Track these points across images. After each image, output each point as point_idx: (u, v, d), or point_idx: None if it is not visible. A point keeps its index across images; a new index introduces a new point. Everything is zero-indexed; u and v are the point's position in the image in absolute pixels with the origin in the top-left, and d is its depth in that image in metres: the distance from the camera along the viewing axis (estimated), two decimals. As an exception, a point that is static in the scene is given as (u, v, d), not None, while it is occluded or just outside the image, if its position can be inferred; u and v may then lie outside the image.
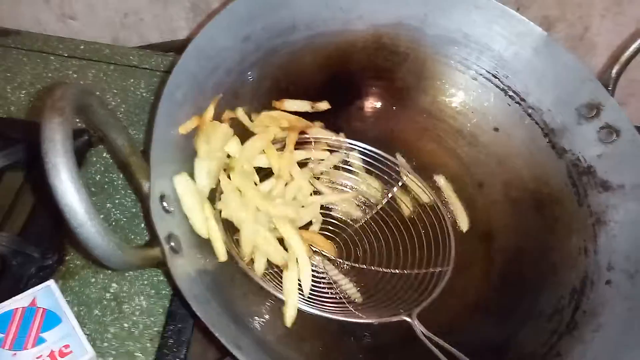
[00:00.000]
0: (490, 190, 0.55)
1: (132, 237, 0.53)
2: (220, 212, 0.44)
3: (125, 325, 0.49)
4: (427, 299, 0.47)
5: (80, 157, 0.57)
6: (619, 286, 0.45)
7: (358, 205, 0.54)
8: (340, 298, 0.47)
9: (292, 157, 0.50)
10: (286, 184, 0.50)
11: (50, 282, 0.47)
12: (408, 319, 0.45)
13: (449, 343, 0.42)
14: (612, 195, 0.50)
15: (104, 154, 0.58)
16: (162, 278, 0.51)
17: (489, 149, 0.56)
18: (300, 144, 0.53)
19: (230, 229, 0.45)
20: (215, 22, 0.45)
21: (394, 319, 0.45)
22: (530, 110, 0.56)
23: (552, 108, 0.54)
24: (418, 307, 0.46)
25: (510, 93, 0.57)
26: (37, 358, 0.43)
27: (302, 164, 0.53)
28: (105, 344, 0.48)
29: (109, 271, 0.51)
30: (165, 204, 0.37)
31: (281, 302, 0.43)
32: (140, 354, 0.47)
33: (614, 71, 0.51)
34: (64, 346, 0.44)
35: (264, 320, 0.42)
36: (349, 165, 0.55)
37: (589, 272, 0.47)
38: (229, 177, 0.45)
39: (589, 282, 0.47)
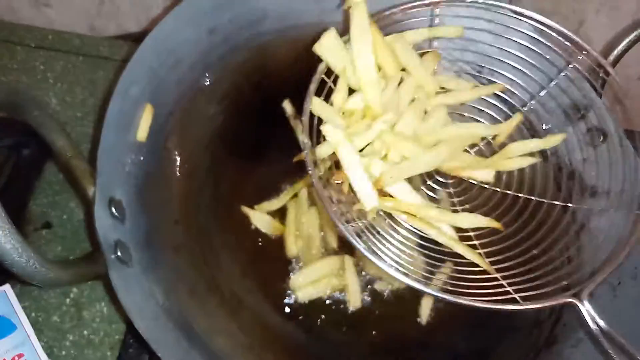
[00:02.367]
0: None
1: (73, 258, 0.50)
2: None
3: (85, 332, 0.47)
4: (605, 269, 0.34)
5: (42, 156, 0.55)
6: (601, 297, 0.43)
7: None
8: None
9: (404, 42, 0.37)
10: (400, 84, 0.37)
11: (6, 287, 0.45)
12: (575, 301, 0.33)
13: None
14: (596, 201, 0.47)
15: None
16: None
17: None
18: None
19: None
20: (175, 13, 0.42)
21: (557, 301, 0.33)
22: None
23: (538, 108, 0.52)
24: (590, 282, 0.34)
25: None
26: (-13, 368, 0.41)
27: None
28: (64, 353, 0.46)
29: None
30: (114, 209, 0.35)
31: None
32: (99, 363, 0.45)
33: (601, 72, 0.48)
34: (17, 355, 0.42)
35: (226, 333, 0.40)
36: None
37: (571, 283, 0.45)
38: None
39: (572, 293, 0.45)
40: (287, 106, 0.50)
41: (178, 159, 0.45)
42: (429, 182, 0.41)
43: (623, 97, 0.48)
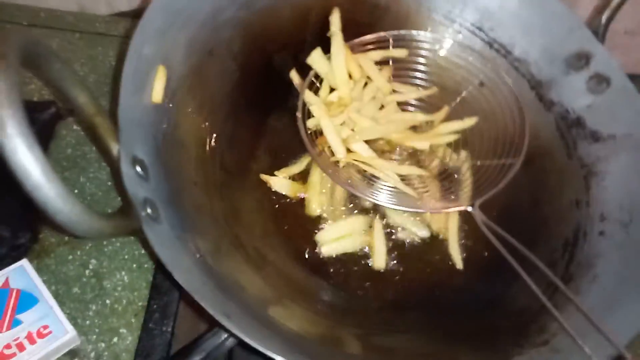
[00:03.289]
0: (482, 150, 0.53)
1: (110, 211, 0.51)
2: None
3: (108, 301, 0.47)
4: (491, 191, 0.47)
5: (49, 131, 0.54)
6: (612, 236, 0.44)
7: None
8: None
9: (368, 59, 0.53)
10: (365, 86, 0.54)
11: (24, 262, 0.45)
12: (469, 209, 0.46)
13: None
14: (602, 146, 0.49)
15: (74, 127, 0.55)
16: (142, 252, 0.49)
17: (475, 105, 0.55)
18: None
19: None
20: (183, -27, 0.42)
21: (456, 208, 0.47)
22: (516, 63, 0.54)
23: (539, 59, 0.53)
24: (480, 198, 0.47)
25: (496, 46, 0.55)
26: (14, 341, 0.41)
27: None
28: (87, 322, 0.46)
29: (87, 247, 0.49)
30: (138, 168, 0.35)
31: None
32: (124, 330, 0.46)
33: (604, 17, 0.49)
34: (42, 327, 0.42)
35: (254, 287, 0.41)
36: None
37: (582, 224, 0.47)
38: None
39: (582, 233, 0.46)
40: (294, 76, 0.54)
41: (194, 120, 0.45)
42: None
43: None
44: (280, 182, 0.51)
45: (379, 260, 0.48)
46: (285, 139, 0.52)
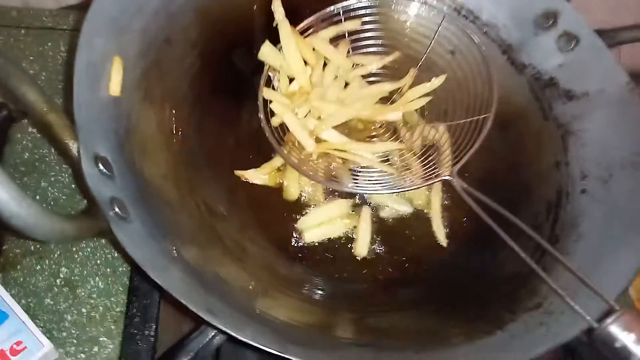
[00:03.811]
0: (454, 115, 0.52)
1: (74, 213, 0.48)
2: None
3: (83, 310, 0.45)
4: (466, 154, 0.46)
5: (2, 135, 0.51)
6: (594, 193, 0.44)
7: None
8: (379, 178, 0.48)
9: (321, 39, 0.51)
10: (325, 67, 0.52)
11: (-13, 276, 0.42)
12: (448, 177, 0.45)
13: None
14: (577, 104, 0.48)
15: (30, 129, 0.52)
16: (116, 255, 0.47)
17: (448, 74, 0.53)
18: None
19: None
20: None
21: (434, 181, 0.46)
22: (485, 28, 0.53)
23: (508, 22, 0.52)
24: (457, 164, 0.46)
25: (463, 12, 0.53)
26: (-14, 360, 0.39)
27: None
28: (64, 334, 0.44)
29: (56, 255, 0.46)
30: (101, 166, 0.33)
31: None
32: (105, 338, 0.44)
33: (568, -26, 0.49)
34: (15, 343, 0.40)
35: (237, 279, 0.39)
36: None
37: (563, 184, 0.46)
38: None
39: (564, 194, 0.46)
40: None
41: (157, 112, 0.43)
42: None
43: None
44: (257, 175, 0.49)
45: (362, 248, 0.47)
46: (256, 129, 0.50)
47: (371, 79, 0.54)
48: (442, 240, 0.48)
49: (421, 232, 0.49)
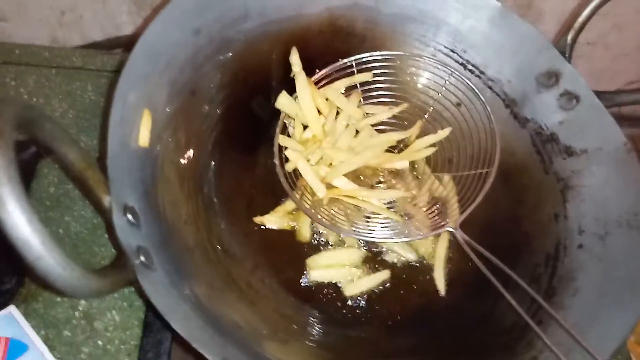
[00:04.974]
0: (458, 165, 0.54)
1: (97, 249, 0.50)
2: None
3: (100, 342, 0.47)
4: (469, 207, 0.49)
5: (30, 171, 0.54)
6: (591, 249, 0.46)
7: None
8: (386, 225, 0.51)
9: (334, 90, 0.55)
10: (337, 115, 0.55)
11: (11, 308, 0.44)
12: (451, 229, 0.48)
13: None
14: (576, 160, 0.50)
15: (56, 165, 0.55)
16: (133, 290, 0.49)
17: (454, 125, 0.56)
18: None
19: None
20: (162, 16, 0.42)
21: (438, 231, 0.49)
22: (490, 83, 0.56)
23: (512, 79, 0.55)
24: (460, 216, 0.48)
25: (470, 67, 0.56)
26: (6, 392, 0.40)
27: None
28: (80, 365, 0.45)
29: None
30: (130, 216, 0.35)
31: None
32: (119, 371, 0.45)
33: (569, 38, 0.51)
34: (33, 374, 0.42)
35: (250, 323, 0.41)
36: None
37: (561, 237, 0.48)
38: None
39: (562, 247, 0.48)
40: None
41: (180, 159, 0.45)
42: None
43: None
44: (274, 220, 0.51)
45: (352, 290, 0.49)
46: (270, 173, 0.52)
47: (381, 127, 0.57)
48: (441, 289, 0.50)
49: (424, 277, 0.51)
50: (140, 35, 0.40)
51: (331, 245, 0.51)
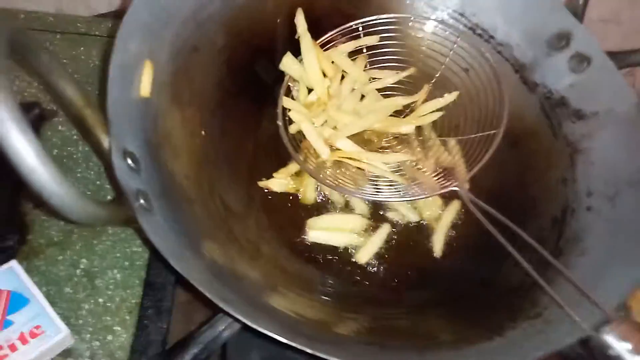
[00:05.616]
0: (465, 130, 0.53)
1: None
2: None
3: (100, 300, 0.47)
4: (475, 167, 0.48)
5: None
6: (599, 210, 0.45)
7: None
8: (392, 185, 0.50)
9: (339, 53, 0.54)
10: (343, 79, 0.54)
11: (13, 263, 0.44)
12: (456, 188, 0.47)
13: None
14: (586, 124, 0.49)
15: (60, 127, 0.55)
16: (135, 249, 0.49)
17: (461, 90, 0.55)
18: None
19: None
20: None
21: (444, 190, 0.48)
22: (499, 47, 0.55)
23: (521, 42, 0.54)
24: (467, 174, 0.48)
25: (479, 31, 0.55)
26: (6, 341, 0.40)
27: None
28: (80, 321, 0.45)
29: (77, 247, 0.48)
30: (130, 161, 0.35)
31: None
32: (119, 328, 0.45)
33: (582, -3, 0.50)
34: (34, 327, 0.42)
35: (250, 276, 0.41)
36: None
37: (569, 200, 0.47)
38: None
39: (570, 210, 0.47)
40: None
41: (183, 113, 0.45)
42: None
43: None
44: (279, 184, 0.51)
45: (364, 255, 0.48)
46: (274, 135, 0.52)
47: (386, 92, 0.56)
48: (437, 251, 0.49)
49: (427, 238, 0.50)
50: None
51: (339, 211, 0.51)
